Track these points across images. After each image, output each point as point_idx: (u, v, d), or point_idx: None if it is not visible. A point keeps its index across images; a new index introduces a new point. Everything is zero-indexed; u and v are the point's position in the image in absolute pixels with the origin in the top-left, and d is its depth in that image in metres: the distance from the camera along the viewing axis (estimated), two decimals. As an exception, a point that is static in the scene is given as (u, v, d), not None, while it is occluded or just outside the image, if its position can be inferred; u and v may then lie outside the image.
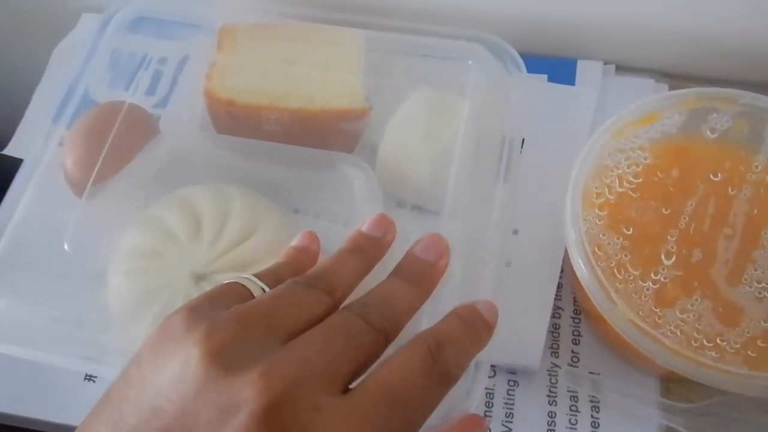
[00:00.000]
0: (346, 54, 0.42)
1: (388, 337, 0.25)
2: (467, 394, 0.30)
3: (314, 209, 0.42)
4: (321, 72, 0.41)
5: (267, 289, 0.26)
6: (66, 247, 0.36)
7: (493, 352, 0.29)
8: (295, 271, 0.29)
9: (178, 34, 0.46)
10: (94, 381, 0.40)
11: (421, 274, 0.28)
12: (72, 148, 0.40)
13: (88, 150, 0.39)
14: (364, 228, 0.30)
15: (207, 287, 0.35)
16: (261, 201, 0.39)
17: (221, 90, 0.41)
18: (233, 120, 0.41)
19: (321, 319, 0.24)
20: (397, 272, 0.28)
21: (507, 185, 0.37)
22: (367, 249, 0.29)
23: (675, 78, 0.44)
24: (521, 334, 0.37)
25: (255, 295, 0.26)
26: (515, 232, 0.41)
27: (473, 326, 0.27)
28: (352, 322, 0.24)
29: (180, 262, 0.36)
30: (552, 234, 0.40)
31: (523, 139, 0.40)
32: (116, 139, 0.39)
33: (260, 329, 0.23)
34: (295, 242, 0.31)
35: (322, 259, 0.29)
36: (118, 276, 0.36)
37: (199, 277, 0.36)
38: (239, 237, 0.37)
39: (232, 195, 0.38)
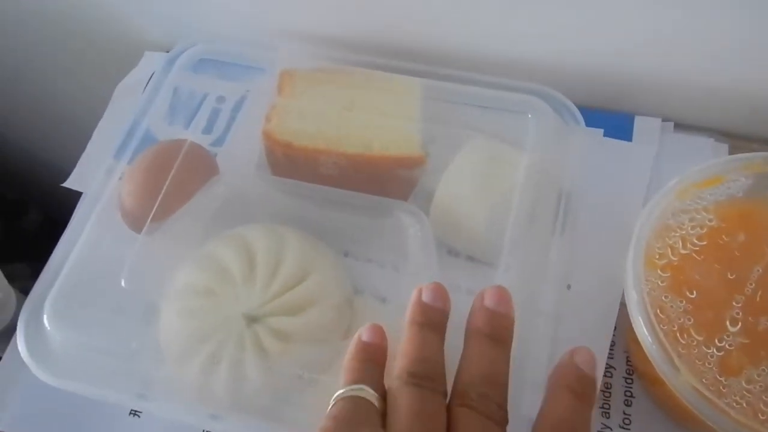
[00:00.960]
0: (403, 101, 0.43)
1: (503, 425, 0.27)
2: None
3: (366, 254, 0.42)
4: (378, 118, 0.42)
5: (377, 395, 0.28)
6: (123, 283, 0.37)
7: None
8: (380, 367, 0.29)
9: (238, 75, 0.47)
10: (139, 416, 0.40)
11: (503, 329, 0.29)
12: (131, 184, 0.41)
13: (147, 186, 0.40)
14: (427, 299, 0.30)
15: (259, 329, 0.35)
16: (314, 244, 0.40)
17: (279, 132, 0.41)
18: (290, 162, 0.42)
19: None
20: (479, 332, 0.29)
21: (563, 239, 0.37)
22: (437, 322, 0.30)
23: (735, 138, 0.44)
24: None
25: (374, 403, 0.27)
26: (569, 287, 0.40)
27: (584, 395, 0.27)
28: (485, 427, 0.26)
29: (233, 302, 0.36)
30: (606, 290, 0.40)
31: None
32: (176, 177, 0.40)
33: None
34: (365, 337, 0.30)
35: (410, 342, 0.29)
36: (172, 314, 0.37)
37: (251, 319, 0.36)
38: (293, 280, 0.37)
39: (287, 236, 0.39)
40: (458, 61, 0.48)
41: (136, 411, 0.40)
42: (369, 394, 0.27)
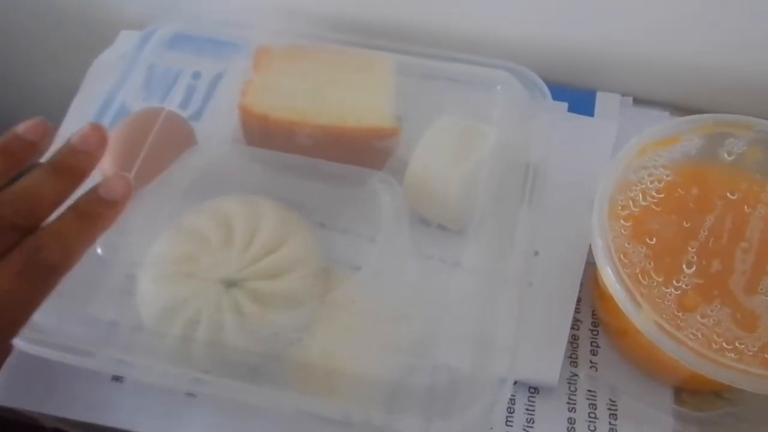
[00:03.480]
0: (377, 76, 0.44)
1: (21, 231, 0.29)
2: (491, 408, 0.32)
3: (340, 225, 0.43)
4: (353, 92, 0.43)
5: None
6: (99, 251, 0.37)
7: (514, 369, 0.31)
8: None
9: (214, 52, 0.48)
10: (121, 381, 0.40)
11: (74, 165, 0.32)
12: (109, 153, 0.40)
13: (125, 155, 0.40)
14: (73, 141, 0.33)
15: (237, 293, 0.36)
16: (290, 213, 0.40)
17: (255, 105, 0.42)
18: (266, 135, 0.42)
19: None
20: (50, 163, 0.32)
21: (530, 209, 0.38)
22: (70, 165, 0.32)
23: (689, 112, 0.46)
24: (541, 352, 0.39)
25: None
26: (536, 253, 0.43)
27: (88, 215, 0.31)
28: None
29: (211, 267, 0.36)
30: (571, 254, 0.42)
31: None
32: (154, 145, 0.39)
33: None
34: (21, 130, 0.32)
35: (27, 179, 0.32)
36: (149, 280, 0.37)
37: (230, 284, 0.36)
38: (270, 246, 0.37)
39: (263, 206, 0.39)
40: (428, 39, 0.49)
41: (118, 376, 0.40)
42: None
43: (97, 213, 0.32)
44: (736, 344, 0.32)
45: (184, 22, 0.47)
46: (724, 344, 0.32)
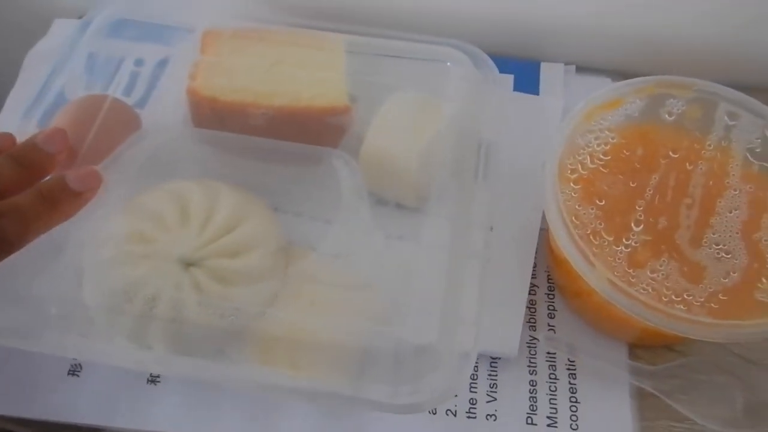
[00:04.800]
0: (328, 55, 0.43)
1: None
2: (455, 378, 0.32)
3: (296, 207, 0.42)
4: (305, 72, 0.43)
5: None
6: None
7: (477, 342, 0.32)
8: None
9: (156, 38, 0.47)
10: (78, 375, 0.39)
11: (35, 162, 0.33)
12: None
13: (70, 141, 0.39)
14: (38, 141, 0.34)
15: (197, 273, 0.35)
16: (247, 194, 0.40)
17: (205, 88, 0.41)
18: (217, 118, 0.42)
19: None
20: (12, 155, 0.32)
21: (485, 185, 0.38)
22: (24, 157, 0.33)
23: (630, 77, 0.48)
24: (500, 324, 0.39)
25: None
26: (491, 228, 0.43)
27: (51, 200, 0.31)
28: None
29: (168, 247, 0.36)
30: (524, 225, 0.43)
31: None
32: (99, 133, 0.39)
33: None
34: None
35: None
36: (103, 262, 0.36)
37: (188, 263, 0.35)
38: (228, 226, 0.37)
39: (219, 187, 0.39)
40: (375, 21, 0.50)
41: (74, 371, 0.40)
42: None
43: (60, 200, 0.32)
44: (685, 296, 0.34)
45: (124, 9, 0.46)
46: (673, 297, 0.34)
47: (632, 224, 0.36)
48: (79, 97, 0.42)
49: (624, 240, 0.35)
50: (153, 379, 0.39)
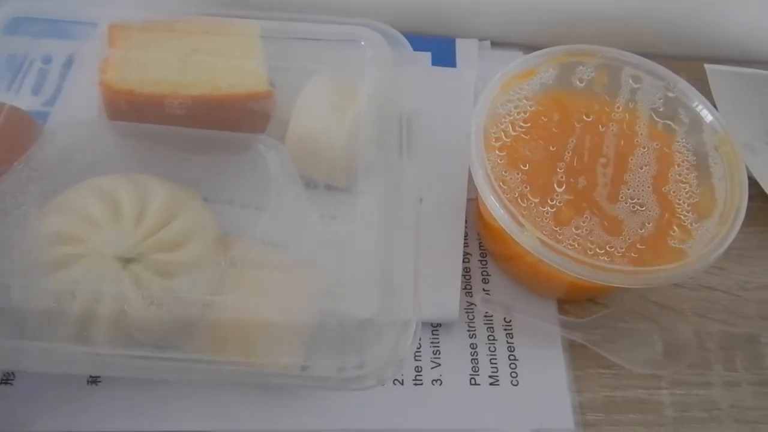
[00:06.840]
0: (244, 42, 0.43)
1: None
2: (400, 348, 0.33)
3: (227, 196, 0.42)
4: (221, 60, 0.42)
5: None
6: None
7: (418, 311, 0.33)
8: None
9: (62, 33, 0.45)
10: (11, 384, 0.38)
11: None
12: None
13: None
14: None
15: (137, 269, 0.34)
16: (177, 186, 0.39)
17: (119, 81, 0.40)
18: (135, 111, 0.40)
19: None
20: None
21: (410, 160, 0.39)
22: None
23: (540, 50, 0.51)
24: (439, 292, 0.41)
25: None
26: (421, 200, 0.43)
27: None
28: None
29: (103, 246, 0.34)
30: (452, 196, 0.45)
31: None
32: None
33: None
34: None
35: None
36: (35, 267, 0.34)
37: (126, 261, 0.34)
38: (162, 219, 0.36)
39: (146, 181, 0.38)
40: (285, 6, 0.49)
41: (7, 379, 0.38)
42: None
43: None
44: (607, 248, 0.36)
45: (23, 5, 0.44)
46: (597, 250, 0.36)
47: (555, 185, 0.38)
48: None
49: (549, 201, 0.37)
50: (94, 380, 0.38)
